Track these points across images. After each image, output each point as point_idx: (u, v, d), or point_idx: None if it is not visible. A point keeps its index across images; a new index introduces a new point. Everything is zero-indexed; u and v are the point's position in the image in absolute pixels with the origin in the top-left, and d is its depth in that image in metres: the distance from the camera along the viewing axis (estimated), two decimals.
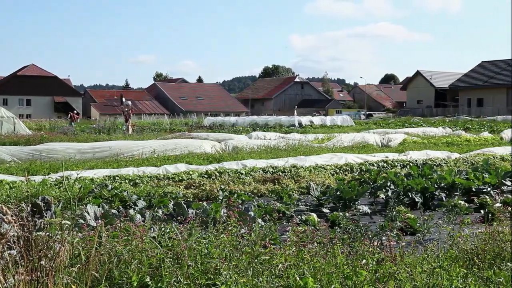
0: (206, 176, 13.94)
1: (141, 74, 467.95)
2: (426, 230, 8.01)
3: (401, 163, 17.04)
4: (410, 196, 11.00)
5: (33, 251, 4.75)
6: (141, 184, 12.84)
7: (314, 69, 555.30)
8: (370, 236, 6.95)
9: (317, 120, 52.17)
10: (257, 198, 11.67)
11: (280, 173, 14.58)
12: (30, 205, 6.29)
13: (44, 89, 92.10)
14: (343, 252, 5.75)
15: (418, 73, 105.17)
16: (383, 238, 6.97)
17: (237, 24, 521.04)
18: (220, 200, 10.73)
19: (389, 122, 55.08)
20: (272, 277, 4.97)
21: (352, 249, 5.90)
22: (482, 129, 39.75)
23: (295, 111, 60.74)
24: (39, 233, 4.98)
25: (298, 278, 4.83)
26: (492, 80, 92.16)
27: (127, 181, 13.05)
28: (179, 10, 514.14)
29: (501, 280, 5.03)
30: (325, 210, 10.36)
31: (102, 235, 5.58)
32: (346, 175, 14.93)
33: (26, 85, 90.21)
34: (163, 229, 6.02)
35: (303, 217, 9.10)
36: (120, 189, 11.34)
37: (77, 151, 19.20)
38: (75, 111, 68.38)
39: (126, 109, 39.41)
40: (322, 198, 11.05)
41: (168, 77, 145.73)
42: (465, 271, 5.21)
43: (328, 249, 5.68)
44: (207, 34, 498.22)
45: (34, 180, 12.17)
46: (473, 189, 11.87)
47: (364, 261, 5.33)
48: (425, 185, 11.20)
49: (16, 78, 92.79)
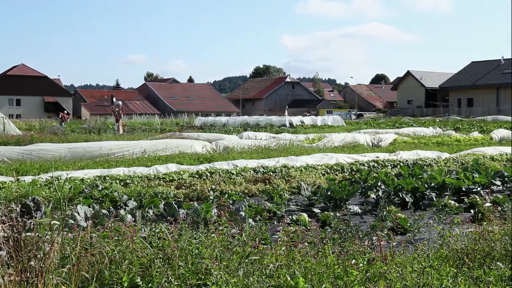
0: (197, 176, 13.92)
1: (132, 74, 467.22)
2: (417, 230, 8.03)
3: (392, 163, 17.08)
4: (401, 196, 11.03)
5: (23, 252, 4.73)
6: (132, 184, 12.81)
7: (305, 69, 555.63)
8: (361, 236, 6.97)
9: (308, 120, 52.19)
10: (248, 198, 11.66)
11: (271, 173, 14.58)
12: (20, 206, 6.26)
13: (34, 89, 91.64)
14: (334, 252, 5.75)
15: (409, 73, 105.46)
16: (374, 238, 6.98)
17: (228, 24, 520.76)
18: (211, 200, 10.73)
19: (380, 122, 55.18)
20: (263, 277, 4.97)
21: (343, 249, 5.90)
22: (472, 129, 39.90)
23: (286, 111, 60.84)
24: (29, 234, 4.96)
25: (289, 278, 4.83)
26: (482, 80, 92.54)
27: (118, 181, 13.01)
28: (170, 10, 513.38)
29: (491, 280, 5.05)
30: (316, 210, 10.37)
31: (93, 236, 5.56)
32: (337, 175, 14.95)
33: (16, 85, 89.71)
34: (154, 230, 6.01)
35: (294, 217, 9.10)
36: (111, 189, 11.31)
37: (68, 151, 19.14)
38: (66, 111, 68.25)
39: (117, 109, 39.27)
40: (313, 198, 11.06)
41: (159, 77, 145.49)
42: (455, 271, 5.23)
43: (319, 249, 5.68)
44: (198, 34, 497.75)
45: (24, 181, 12.11)
46: (463, 189, 11.92)
47: (355, 261, 5.34)
48: (416, 185, 11.23)
49: (6, 78, 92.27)
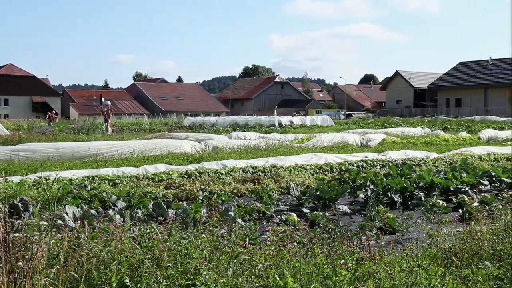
0: (186, 176, 13.91)
1: (121, 74, 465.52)
2: (405, 230, 8.06)
3: (381, 163, 17.13)
4: (389, 196, 11.07)
5: (11, 253, 4.71)
6: (121, 185, 12.78)
7: (294, 69, 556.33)
8: (350, 236, 6.98)
9: (297, 120, 52.25)
10: (237, 198, 11.66)
11: (260, 173, 14.59)
12: (8, 206, 6.24)
13: (22, 89, 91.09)
14: (323, 252, 5.77)
15: (397, 74, 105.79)
16: (363, 238, 7.00)
17: (217, 24, 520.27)
18: (200, 200, 10.72)
19: (369, 122, 55.34)
20: (252, 277, 4.97)
21: (332, 249, 5.92)
22: (460, 129, 40.10)
23: (275, 111, 60.76)
24: (17, 234, 4.93)
25: (278, 278, 4.83)
26: (470, 81, 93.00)
27: (107, 182, 12.97)
28: (159, 10, 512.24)
29: (479, 279, 5.08)
30: (305, 210, 10.38)
31: (81, 236, 5.54)
32: (326, 175, 14.97)
33: (4, 85, 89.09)
34: (143, 230, 5.99)
35: (283, 217, 9.11)
36: (99, 190, 11.27)
37: (56, 152, 19.05)
38: (54, 111, 67.93)
39: (106, 109, 39.13)
40: (302, 198, 11.07)
41: (148, 77, 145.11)
42: (444, 270, 5.25)
43: (308, 249, 5.69)
44: (187, 34, 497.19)
45: (12, 181, 12.05)
46: (452, 189, 11.97)
47: (344, 261, 5.35)
48: (404, 185, 11.27)
49: None
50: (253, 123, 50.23)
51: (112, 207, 10.08)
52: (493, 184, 13.06)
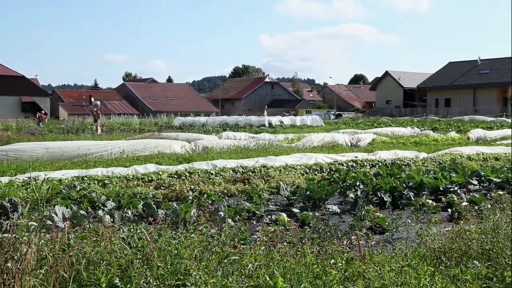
0: (176, 177, 13.88)
1: (110, 74, 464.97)
2: (395, 229, 8.08)
3: (370, 163, 17.17)
4: (379, 196, 11.09)
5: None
6: (110, 185, 12.74)
7: (284, 69, 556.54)
8: (340, 236, 6.99)
9: (287, 120, 52.28)
10: (227, 198, 11.65)
11: (250, 173, 14.58)
12: None
13: (11, 89, 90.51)
14: (313, 252, 5.77)
15: (387, 74, 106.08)
16: (353, 238, 7.02)
17: (207, 24, 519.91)
18: (190, 201, 10.70)
19: (359, 122, 55.47)
20: (242, 277, 4.97)
21: (322, 249, 5.92)
22: (450, 129, 40.25)
23: (265, 111, 60.83)
24: (6, 235, 4.91)
25: (268, 278, 4.83)
26: (459, 81, 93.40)
27: (96, 182, 12.93)
28: (149, 10, 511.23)
29: (468, 278, 5.10)
30: (295, 210, 10.39)
31: (71, 236, 5.52)
32: (316, 175, 14.99)
33: None
34: (133, 230, 5.98)
35: (273, 217, 9.12)
36: (89, 190, 11.23)
37: (45, 152, 18.96)
38: (43, 111, 67.52)
39: (95, 109, 39.01)
40: (292, 198, 11.08)
41: (138, 77, 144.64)
42: (433, 269, 5.27)
43: (298, 249, 5.70)
44: (177, 34, 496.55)
45: (1, 181, 12.00)
46: (441, 188, 12.01)
47: (333, 261, 5.36)
48: (394, 185, 11.30)
49: None
50: (243, 123, 50.21)
51: (102, 208, 10.06)
52: (482, 184, 13.11)
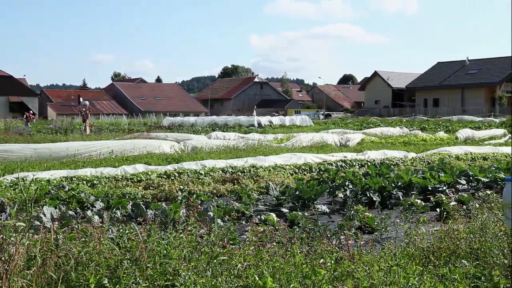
0: (165, 177, 13.86)
1: (99, 74, 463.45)
2: (384, 229, 8.11)
3: (359, 163, 17.21)
4: (368, 195, 11.12)
5: None
6: (99, 185, 12.70)
7: (273, 69, 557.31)
8: (329, 235, 7.01)
9: (276, 120, 52.33)
10: (217, 198, 11.64)
11: (240, 173, 14.58)
12: None
13: None
14: (302, 252, 5.78)
15: (376, 74, 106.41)
16: (342, 237, 7.03)
17: (196, 24, 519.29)
18: (179, 201, 10.68)
19: (348, 122, 55.61)
20: (231, 277, 4.97)
21: (311, 248, 5.93)
22: (438, 129, 40.43)
23: (255, 111, 60.90)
24: None
25: (257, 278, 4.83)
26: (448, 81, 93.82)
27: (85, 182, 12.89)
28: (137, 9, 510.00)
29: (456, 277, 5.12)
30: (284, 210, 10.39)
31: (59, 237, 5.50)
32: (305, 175, 15.01)
33: None
34: (122, 230, 5.96)
35: (263, 217, 9.12)
36: (78, 190, 11.18)
37: (33, 152, 18.86)
38: (31, 111, 67.23)
39: (84, 109, 38.86)
40: (281, 198, 11.08)
41: (127, 77, 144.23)
42: (421, 269, 5.29)
43: (287, 249, 5.70)
44: (166, 34, 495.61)
45: None
46: (429, 188, 12.05)
47: (323, 260, 5.36)
48: (383, 184, 11.33)
49: None
50: (233, 123, 50.19)
51: (91, 208, 10.02)
52: (470, 184, 13.18)
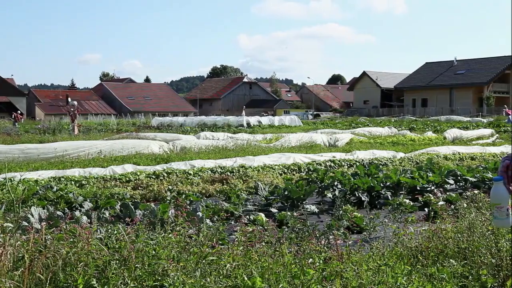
0: (154, 177, 13.83)
1: (87, 74, 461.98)
2: (372, 229, 8.13)
3: (348, 163, 17.24)
4: (357, 195, 11.15)
5: None
6: (87, 185, 12.65)
7: (262, 70, 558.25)
8: (318, 235, 7.01)
9: (266, 120, 52.32)
10: (206, 199, 11.63)
11: (229, 173, 14.57)
12: None
13: None
14: (291, 251, 5.79)
15: (365, 74, 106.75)
16: (330, 237, 7.04)
17: (185, 24, 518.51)
18: (168, 201, 10.66)
19: (336, 122, 55.70)
20: (220, 278, 4.96)
21: (300, 248, 5.94)
22: (426, 129, 40.57)
23: (244, 111, 60.87)
24: None
25: (246, 278, 4.83)
26: (436, 81, 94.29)
27: (73, 182, 12.84)
28: (126, 9, 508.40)
29: (444, 277, 5.14)
30: (273, 210, 10.40)
31: (47, 238, 5.47)
32: (294, 175, 15.02)
33: None
34: (110, 231, 5.94)
35: (251, 217, 9.12)
36: (66, 191, 11.14)
37: (21, 153, 18.76)
38: (19, 111, 66.95)
39: (72, 109, 38.69)
40: (270, 198, 11.09)
41: (115, 77, 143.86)
42: (410, 268, 5.31)
43: (276, 249, 5.70)
44: (155, 34, 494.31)
45: None
46: (418, 188, 12.09)
47: (311, 260, 5.37)
48: (371, 184, 11.36)
49: None
50: (222, 123, 50.14)
51: (79, 208, 9.98)
52: (458, 183, 13.23)
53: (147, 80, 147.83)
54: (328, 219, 9.52)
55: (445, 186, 12.82)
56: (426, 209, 10.02)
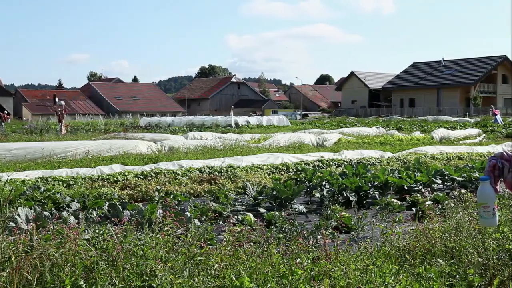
0: (142, 177, 13.79)
1: (75, 74, 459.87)
2: (360, 228, 8.15)
3: (336, 163, 17.27)
4: (345, 195, 11.17)
5: None
6: (75, 186, 12.60)
7: (251, 69, 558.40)
8: (306, 235, 7.02)
9: (254, 120, 52.31)
10: (194, 199, 11.61)
11: (217, 173, 14.56)
12: None
13: None
14: (279, 251, 5.79)
15: (353, 74, 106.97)
16: (319, 237, 7.05)
17: (173, 24, 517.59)
18: (156, 201, 10.64)
19: (325, 122, 55.78)
20: (208, 278, 4.96)
21: (288, 248, 5.94)
22: (414, 129, 40.71)
23: (232, 111, 60.81)
24: None
25: (234, 278, 4.83)
26: (423, 81, 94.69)
27: (61, 183, 12.78)
28: (113, 8, 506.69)
29: (432, 276, 5.16)
30: (262, 210, 10.40)
31: (34, 238, 5.45)
32: (282, 175, 15.03)
33: None
34: (98, 231, 5.92)
35: (240, 217, 9.12)
36: (53, 191, 11.08)
37: (8, 153, 18.63)
38: (6, 111, 66.46)
39: (60, 109, 38.51)
40: (259, 198, 11.09)
41: (103, 77, 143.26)
42: (397, 268, 5.33)
43: (264, 249, 5.70)
44: (143, 34, 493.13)
45: None
46: (406, 188, 12.14)
47: (300, 260, 5.37)
48: (359, 184, 11.39)
49: None
50: (210, 123, 50.08)
51: (66, 209, 9.94)
52: (446, 183, 13.30)
53: (135, 80, 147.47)
54: (316, 219, 9.54)
55: (433, 186, 12.87)
56: (414, 209, 10.05)
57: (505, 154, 3.70)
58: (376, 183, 12.07)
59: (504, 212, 7.30)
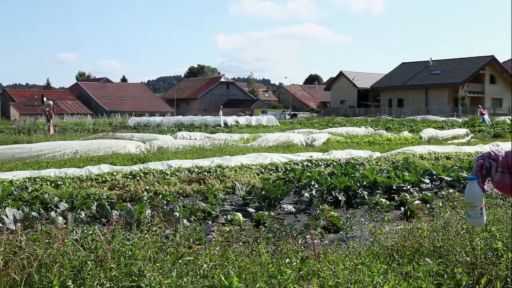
0: (131, 177, 13.76)
1: (63, 73, 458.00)
2: (349, 228, 8.16)
3: (325, 162, 17.30)
4: (334, 195, 11.19)
5: None
6: (63, 186, 12.55)
7: (240, 69, 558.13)
8: (295, 235, 7.03)
9: (243, 120, 52.30)
10: (183, 199, 11.60)
11: (206, 173, 14.54)
12: None
13: None
14: (268, 251, 5.79)
15: (341, 74, 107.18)
16: (307, 237, 7.05)
17: (162, 24, 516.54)
18: (145, 201, 10.61)
19: (314, 122, 55.88)
20: (197, 278, 4.95)
21: (277, 248, 5.94)
22: (403, 129, 40.85)
23: (221, 111, 60.83)
24: None
25: (223, 278, 4.83)
26: (412, 81, 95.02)
27: (49, 183, 12.72)
28: (102, 8, 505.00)
29: (420, 275, 5.18)
30: (251, 210, 10.40)
31: (22, 239, 5.42)
32: (271, 175, 15.04)
33: None
34: (86, 231, 5.90)
35: (229, 217, 9.11)
36: (41, 191, 11.03)
37: None
38: None
39: (48, 109, 38.34)
40: (248, 198, 11.09)
41: (91, 77, 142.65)
42: (386, 267, 5.34)
43: (253, 249, 5.70)
44: (132, 33, 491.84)
45: None
46: (394, 187, 12.17)
47: (288, 260, 5.38)
48: (348, 184, 11.42)
49: None
50: (199, 123, 50.02)
51: (55, 209, 9.89)
52: (434, 183, 13.35)
53: (124, 80, 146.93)
54: (305, 219, 9.55)
55: (421, 185, 12.92)
56: (402, 208, 10.09)
57: (493, 154, 3.71)
58: (365, 183, 12.09)
59: (492, 211, 7.34)
